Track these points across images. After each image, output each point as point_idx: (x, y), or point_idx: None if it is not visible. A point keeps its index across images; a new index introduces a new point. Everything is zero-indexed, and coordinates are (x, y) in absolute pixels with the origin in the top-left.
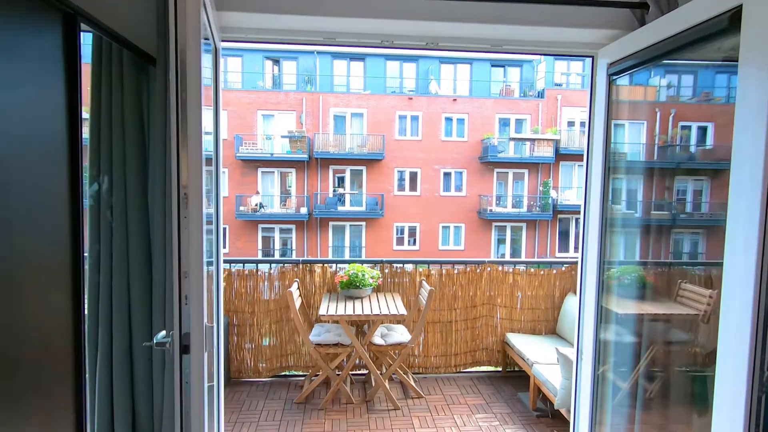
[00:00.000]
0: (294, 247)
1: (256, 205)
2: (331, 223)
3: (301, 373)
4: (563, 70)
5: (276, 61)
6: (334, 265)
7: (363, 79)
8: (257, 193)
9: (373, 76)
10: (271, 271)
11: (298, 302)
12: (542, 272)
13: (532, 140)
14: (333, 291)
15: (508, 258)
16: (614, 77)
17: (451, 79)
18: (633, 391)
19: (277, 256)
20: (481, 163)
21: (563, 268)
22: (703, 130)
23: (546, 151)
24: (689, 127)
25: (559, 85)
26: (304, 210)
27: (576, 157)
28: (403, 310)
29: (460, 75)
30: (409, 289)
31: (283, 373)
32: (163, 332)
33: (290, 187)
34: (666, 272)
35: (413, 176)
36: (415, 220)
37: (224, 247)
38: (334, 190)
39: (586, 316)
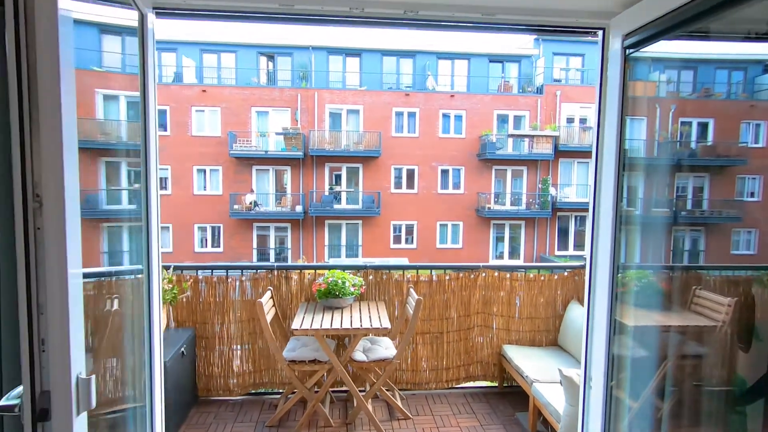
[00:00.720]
0: (290, 246)
1: (251, 203)
2: (327, 222)
3: (277, 390)
4: (562, 66)
5: (270, 57)
6: (312, 272)
7: (359, 75)
8: (252, 191)
9: (370, 71)
10: (243, 278)
11: (270, 314)
12: (542, 278)
13: (531, 137)
14: (312, 300)
15: (506, 258)
16: (630, 52)
17: (448, 75)
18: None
19: (272, 256)
20: (480, 160)
21: (566, 274)
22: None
23: (545, 148)
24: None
25: (558, 80)
26: (299, 208)
27: (576, 153)
28: (387, 323)
29: (458, 70)
30: (395, 297)
31: (257, 391)
32: (20, 388)
33: (286, 185)
34: (687, 277)
35: (410, 174)
36: (413, 219)
37: (218, 246)
38: (330, 188)
39: (595, 332)
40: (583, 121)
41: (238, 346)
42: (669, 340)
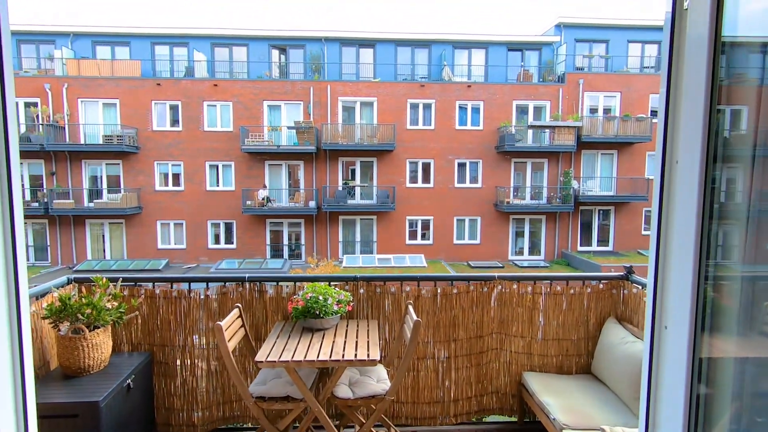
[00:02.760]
0: (303, 243)
1: (264, 199)
2: (341, 218)
3: (251, 426)
4: (585, 53)
5: (282, 50)
6: (291, 284)
7: (373, 67)
8: (264, 186)
9: (384, 62)
10: (208, 292)
11: (237, 336)
12: (572, 291)
13: (552, 128)
14: (291, 318)
15: (526, 254)
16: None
17: (465, 65)
18: None
19: (286, 252)
20: (498, 152)
21: (601, 286)
22: None
23: (567, 139)
24: None
25: (581, 69)
26: (312, 204)
27: (599, 145)
28: (375, 353)
29: (475, 60)
30: (392, 314)
31: (228, 426)
32: None
33: (299, 180)
34: None
35: (426, 167)
36: (429, 214)
37: (231, 242)
38: (345, 183)
39: (665, 376)
40: (607, 110)
41: (203, 374)
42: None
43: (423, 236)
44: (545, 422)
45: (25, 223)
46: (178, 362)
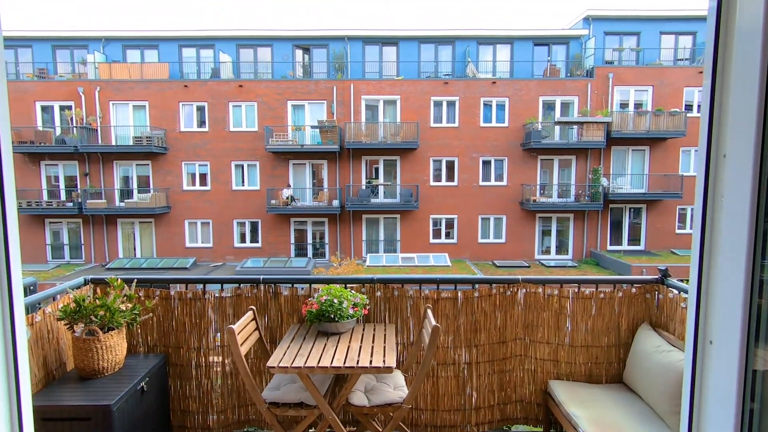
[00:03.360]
0: (327, 241)
1: (288, 198)
2: (364, 216)
3: (266, 431)
4: (615, 46)
5: (306, 49)
6: (306, 286)
7: (396, 65)
8: (288, 186)
9: (407, 60)
10: (223, 293)
11: (251, 340)
12: (602, 294)
13: (580, 123)
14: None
15: (553, 253)
16: None
17: (490, 61)
18: None
19: (310, 251)
20: (524, 149)
21: (633, 290)
22: None
23: (596, 135)
24: None
25: (611, 62)
26: (336, 203)
27: (630, 141)
28: (391, 360)
29: (500, 56)
30: (410, 317)
31: (243, 430)
32: None
33: (323, 179)
34: None
35: (450, 165)
36: (453, 212)
37: (257, 241)
38: (368, 182)
39: (710, 393)
40: (638, 105)
41: (219, 376)
42: None
43: (447, 235)
44: None
45: (60, 222)
46: (193, 364)
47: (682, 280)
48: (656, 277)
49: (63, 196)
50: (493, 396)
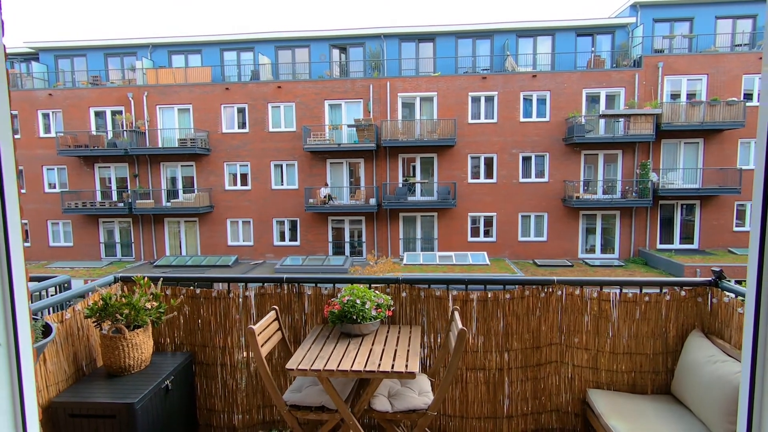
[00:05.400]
0: (364, 240)
1: (326, 196)
2: (401, 214)
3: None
4: (665, 33)
5: (343, 49)
6: (330, 286)
7: (432, 61)
8: (326, 184)
9: (444, 56)
10: (247, 293)
11: (273, 340)
12: (647, 298)
13: (627, 116)
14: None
15: (598, 252)
16: None
17: (530, 54)
18: None
19: (347, 249)
20: (566, 144)
21: (683, 293)
22: None
23: (644, 128)
24: None
25: (660, 51)
26: (373, 201)
27: (682, 133)
28: (414, 366)
29: (541, 48)
30: (437, 320)
31: (268, 430)
32: None
33: (360, 177)
34: None
35: (488, 162)
36: (492, 210)
37: (296, 240)
38: (405, 180)
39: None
40: (691, 95)
41: (243, 376)
42: None
43: (486, 233)
44: None
45: (113, 221)
46: (219, 363)
47: (739, 282)
48: (709, 278)
49: (115, 197)
50: (527, 404)
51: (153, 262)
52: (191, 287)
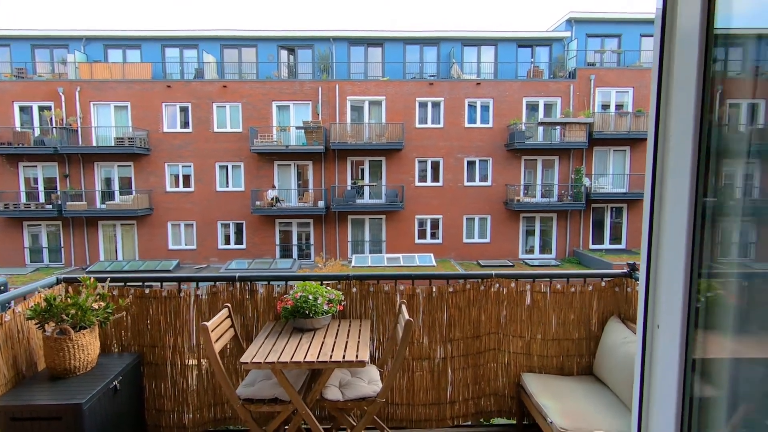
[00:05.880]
0: (312, 242)
1: (273, 199)
2: (349, 217)
3: (241, 428)
4: (597, 48)
5: (291, 50)
6: (282, 283)
7: (381, 66)
8: (273, 187)
9: (392, 61)
10: (198, 292)
11: (226, 337)
12: (573, 289)
13: (563, 124)
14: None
15: (536, 253)
16: None
17: (474, 62)
18: None
19: (295, 252)
20: (508, 150)
21: (603, 284)
22: None
23: (578, 136)
24: None
25: (593, 64)
26: (321, 204)
27: (612, 141)
28: (364, 355)
29: (484, 57)
30: (386, 313)
31: (219, 428)
32: None
33: (308, 180)
34: None
35: (435, 166)
36: (438, 213)
37: (241, 243)
38: (354, 183)
39: (657, 375)
40: (619, 106)
41: (194, 375)
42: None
43: (432, 235)
44: (543, 425)
45: (39, 224)
46: (169, 363)
47: None
48: (625, 270)
49: (42, 198)
50: (468, 390)
51: (85, 267)
52: (140, 287)
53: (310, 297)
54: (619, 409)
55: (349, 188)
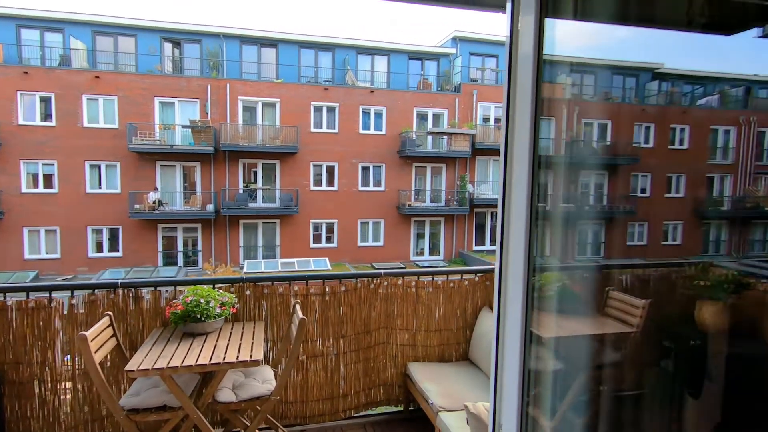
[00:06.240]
0: (200, 248)
1: (155, 202)
2: (241, 222)
3: None
4: (478, 66)
5: (176, 43)
6: (171, 289)
7: (275, 67)
8: (156, 189)
9: (287, 64)
10: (73, 301)
11: (107, 347)
12: (452, 284)
13: (449, 134)
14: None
15: (426, 255)
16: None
17: (368, 71)
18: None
19: (181, 259)
20: (400, 157)
21: (476, 279)
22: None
23: (463, 146)
24: None
25: (475, 80)
26: (210, 207)
27: (491, 151)
28: (258, 354)
29: (378, 66)
30: (280, 314)
31: None
32: None
33: (196, 182)
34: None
35: (330, 170)
36: (333, 217)
37: (117, 250)
38: (246, 186)
39: (507, 348)
40: (498, 120)
41: (67, 391)
42: (588, 350)
43: (328, 239)
44: (425, 408)
45: None
46: (36, 381)
47: None
48: (493, 267)
49: None
50: (359, 382)
51: None
52: (1, 298)
53: (202, 301)
54: (488, 385)
55: (241, 191)
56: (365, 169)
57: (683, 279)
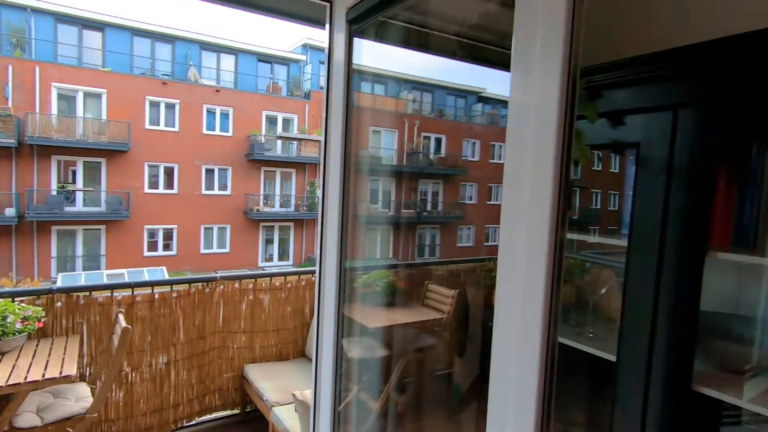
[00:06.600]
0: None
1: None
2: (54, 228)
3: None
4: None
5: None
6: None
7: (102, 54)
8: None
9: (116, 51)
10: None
11: None
12: (290, 284)
13: (299, 140)
14: None
15: (276, 260)
16: (355, 27)
17: (213, 68)
18: (385, 410)
19: None
20: (249, 160)
21: (313, 278)
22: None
23: (312, 152)
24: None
25: (323, 88)
26: (11, 211)
27: None
28: (70, 370)
29: (225, 65)
30: (101, 326)
31: None
32: None
33: None
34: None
35: (169, 172)
36: (172, 222)
37: None
38: (60, 187)
39: (324, 338)
40: None
41: None
42: (405, 337)
43: (166, 247)
44: (261, 406)
45: None
46: None
47: None
48: None
49: None
50: (192, 390)
51: None
52: None
53: None
54: None
55: (54, 193)
56: (210, 171)
57: (486, 272)
